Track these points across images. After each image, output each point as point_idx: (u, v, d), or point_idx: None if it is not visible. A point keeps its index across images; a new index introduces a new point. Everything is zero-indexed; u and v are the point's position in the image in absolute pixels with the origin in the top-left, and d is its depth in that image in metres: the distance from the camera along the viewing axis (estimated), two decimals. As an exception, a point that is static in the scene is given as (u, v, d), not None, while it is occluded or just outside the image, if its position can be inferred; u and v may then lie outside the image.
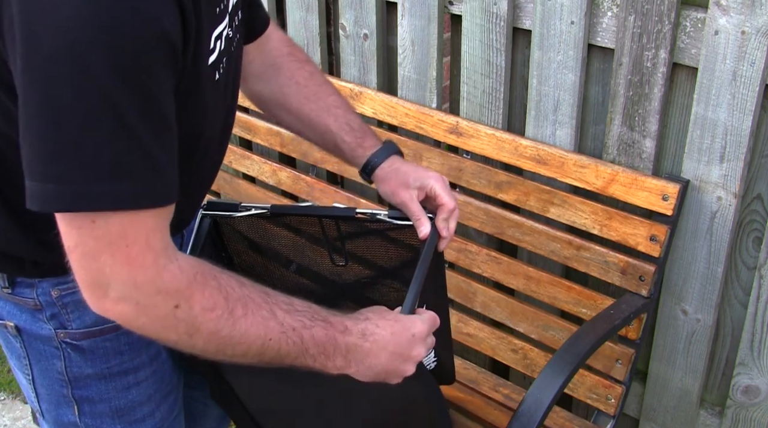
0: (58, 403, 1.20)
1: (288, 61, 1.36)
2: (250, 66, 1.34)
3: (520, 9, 1.72)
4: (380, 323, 1.06)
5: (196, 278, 0.93)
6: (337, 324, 1.03)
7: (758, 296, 1.59)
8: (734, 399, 1.70)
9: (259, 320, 0.96)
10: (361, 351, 1.04)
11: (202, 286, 0.93)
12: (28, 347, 1.16)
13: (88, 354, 1.16)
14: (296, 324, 0.98)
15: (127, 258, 0.88)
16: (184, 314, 0.92)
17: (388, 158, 1.32)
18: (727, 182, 1.53)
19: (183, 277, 0.92)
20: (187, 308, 0.92)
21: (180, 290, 0.92)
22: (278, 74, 1.35)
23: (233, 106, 1.21)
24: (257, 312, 0.96)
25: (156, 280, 0.90)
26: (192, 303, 0.92)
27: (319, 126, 1.34)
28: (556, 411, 1.76)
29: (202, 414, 1.46)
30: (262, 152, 2.32)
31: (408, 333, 1.07)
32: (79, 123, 0.82)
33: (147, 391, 1.22)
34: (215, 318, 0.94)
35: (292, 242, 1.43)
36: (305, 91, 1.34)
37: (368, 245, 1.40)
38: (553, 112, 1.72)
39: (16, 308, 1.14)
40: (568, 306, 1.70)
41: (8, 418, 2.40)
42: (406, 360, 1.08)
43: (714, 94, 1.49)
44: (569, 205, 1.67)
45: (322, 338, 1.00)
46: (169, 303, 0.91)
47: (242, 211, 1.34)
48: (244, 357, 0.98)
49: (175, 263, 0.92)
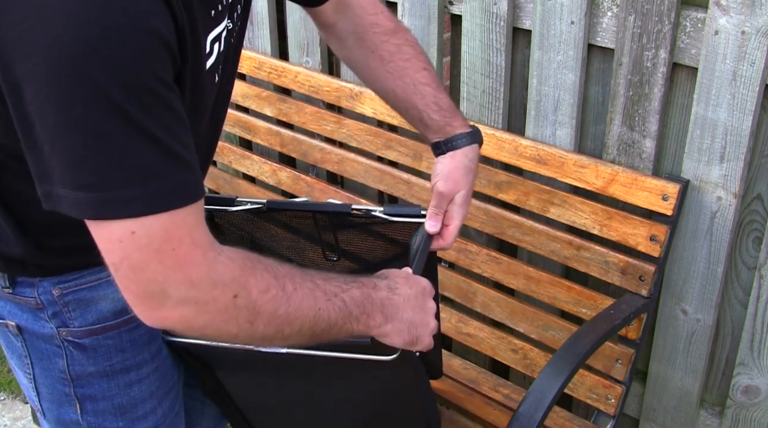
0: (60, 402, 1.20)
1: (371, 33, 1.32)
2: (332, 29, 1.32)
3: (520, 9, 1.72)
4: (398, 279, 1.12)
5: (246, 263, 0.94)
6: (367, 283, 1.07)
7: (758, 296, 1.59)
8: (734, 399, 1.70)
9: (307, 292, 0.98)
10: (394, 305, 1.08)
11: (252, 270, 0.94)
12: (29, 346, 1.16)
13: (90, 352, 1.16)
14: (336, 289, 1.01)
15: (177, 261, 0.87)
16: (244, 302, 0.92)
17: (472, 146, 1.34)
18: (727, 182, 1.53)
19: (234, 265, 0.92)
20: (246, 295, 0.92)
21: (235, 278, 0.92)
22: (361, 45, 1.33)
23: (227, 101, 1.20)
24: (304, 285, 0.98)
25: (211, 274, 0.90)
26: (249, 289, 0.93)
27: (404, 101, 1.34)
28: (556, 411, 1.76)
29: (199, 413, 1.46)
30: (262, 152, 2.32)
31: (420, 286, 1.14)
32: (95, 133, 0.81)
33: (149, 388, 1.22)
34: (272, 298, 0.94)
35: (285, 237, 1.44)
36: (390, 66, 1.32)
37: (359, 241, 1.41)
38: (553, 112, 1.72)
39: (17, 307, 1.14)
40: (568, 306, 1.70)
41: (8, 418, 2.40)
42: (426, 312, 1.13)
43: (714, 94, 1.49)
44: (569, 205, 1.67)
45: (359, 297, 1.03)
46: (228, 294, 0.91)
47: (238, 205, 1.34)
48: (299, 333, 0.99)
49: (223, 254, 0.92)
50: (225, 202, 1.35)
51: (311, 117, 2.08)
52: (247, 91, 2.22)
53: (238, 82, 2.17)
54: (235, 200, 1.35)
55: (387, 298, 1.07)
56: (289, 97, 2.16)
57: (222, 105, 1.17)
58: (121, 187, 0.83)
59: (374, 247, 1.42)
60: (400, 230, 1.35)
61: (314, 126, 2.08)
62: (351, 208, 1.33)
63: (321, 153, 2.07)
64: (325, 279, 1.01)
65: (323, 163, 2.08)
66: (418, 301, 1.11)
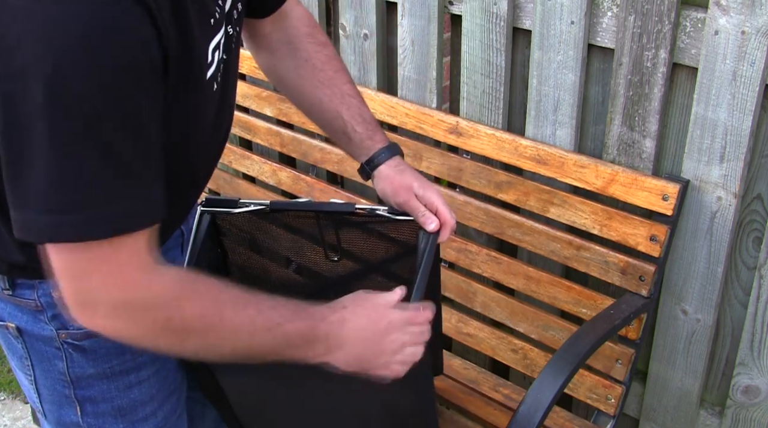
0: (61, 404, 1.20)
1: (306, 42, 1.34)
2: (264, 39, 1.33)
3: (520, 9, 1.72)
4: (357, 310, 1.09)
5: (185, 286, 0.96)
6: (316, 314, 1.06)
7: (758, 296, 1.59)
8: (734, 399, 1.70)
9: (246, 319, 0.99)
10: (340, 338, 1.06)
11: (191, 294, 0.96)
12: (29, 348, 1.16)
13: (90, 354, 1.16)
14: (280, 319, 1.02)
15: (116, 279, 0.90)
16: (177, 323, 0.95)
17: (394, 157, 1.33)
18: (727, 182, 1.53)
19: (174, 288, 0.95)
20: (179, 318, 0.95)
21: (171, 301, 0.94)
22: (294, 54, 1.33)
23: (230, 105, 1.20)
24: (244, 312, 1.00)
25: (147, 296, 0.93)
26: (184, 312, 0.95)
27: (329, 112, 1.34)
28: (556, 411, 1.76)
29: (200, 416, 1.46)
30: (262, 152, 2.32)
31: (384, 320, 1.10)
32: (63, 153, 0.82)
33: (149, 390, 1.22)
34: (206, 324, 0.97)
35: (287, 238, 1.44)
36: (321, 75, 1.33)
37: (361, 241, 1.41)
38: (553, 112, 1.72)
39: (17, 309, 1.14)
40: (568, 306, 1.70)
41: (8, 418, 2.40)
42: (381, 347, 1.09)
43: (714, 94, 1.49)
44: (569, 205, 1.67)
45: (303, 328, 1.04)
46: (162, 315, 0.94)
47: (241, 207, 1.35)
48: (232, 354, 1.01)
49: (165, 276, 0.95)
50: (228, 204, 1.35)
51: (311, 117, 2.08)
52: (247, 91, 2.22)
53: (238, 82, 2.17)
54: (238, 201, 1.35)
55: (333, 332, 1.06)
56: (289, 97, 2.16)
57: (224, 112, 1.17)
58: (83, 209, 0.85)
59: (376, 247, 1.42)
60: (403, 230, 1.35)
61: (314, 126, 2.07)
62: (355, 207, 1.33)
63: (321, 153, 2.07)
64: (271, 307, 1.02)
65: (323, 163, 2.08)
66: (375, 336, 1.09)
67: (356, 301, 1.11)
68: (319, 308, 1.07)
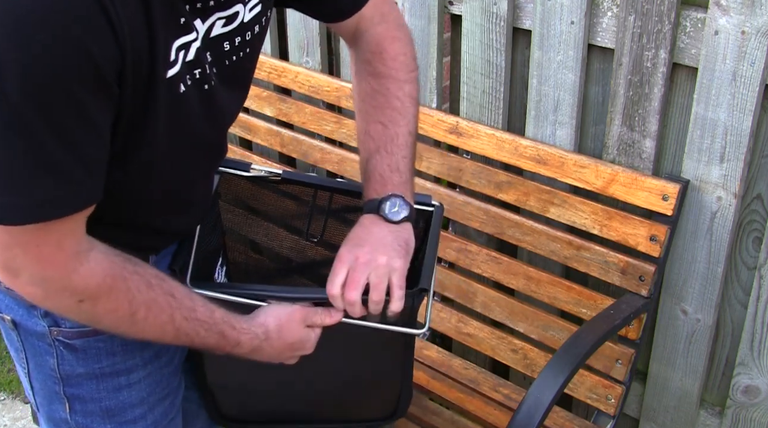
0: (51, 399, 1.21)
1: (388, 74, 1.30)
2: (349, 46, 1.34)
3: (520, 9, 1.72)
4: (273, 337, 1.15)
5: (105, 281, 0.98)
6: (230, 339, 1.11)
7: (758, 296, 1.59)
8: (734, 399, 1.70)
9: (157, 324, 1.04)
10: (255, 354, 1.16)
11: (109, 289, 0.99)
12: (24, 341, 1.17)
13: (81, 353, 1.16)
14: (191, 332, 1.07)
15: (37, 256, 0.93)
16: (87, 309, 0.99)
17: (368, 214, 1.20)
18: (727, 182, 1.53)
19: (91, 281, 0.97)
20: (91, 306, 0.99)
21: (86, 291, 0.97)
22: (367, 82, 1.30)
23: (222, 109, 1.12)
24: (158, 316, 1.03)
25: (64, 279, 0.96)
26: (96, 304, 0.99)
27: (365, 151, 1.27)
28: (556, 411, 1.76)
29: (195, 415, 1.46)
30: (262, 152, 2.32)
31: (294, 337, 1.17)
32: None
33: (140, 394, 1.22)
34: (116, 319, 1.02)
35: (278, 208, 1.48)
36: (382, 116, 1.28)
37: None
38: (553, 112, 1.72)
39: (14, 302, 1.14)
40: (568, 306, 1.70)
41: (8, 418, 2.40)
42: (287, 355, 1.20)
43: (714, 94, 1.49)
44: (569, 205, 1.67)
45: (213, 347, 1.11)
46: (74, 299, 0.98)
47: (253, 172, 1.38)
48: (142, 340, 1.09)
49: (85, 265, 0.96)
50: (240, 166, 1.38)
51: (311, 117, 2.08)
52: (247, 91, 2.22)
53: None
54: (251, 166, 1.39)
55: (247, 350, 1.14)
56: (289, 97, 2.16)
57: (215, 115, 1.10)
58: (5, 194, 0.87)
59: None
60: None
61: (314, 126, 2.08)
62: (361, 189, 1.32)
63: (321, 153, 2.07)
64: (187, 318, 1.06)
65: (323, 163, 2.08)
66: (285, 354, 1.19)
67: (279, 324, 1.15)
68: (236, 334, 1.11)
